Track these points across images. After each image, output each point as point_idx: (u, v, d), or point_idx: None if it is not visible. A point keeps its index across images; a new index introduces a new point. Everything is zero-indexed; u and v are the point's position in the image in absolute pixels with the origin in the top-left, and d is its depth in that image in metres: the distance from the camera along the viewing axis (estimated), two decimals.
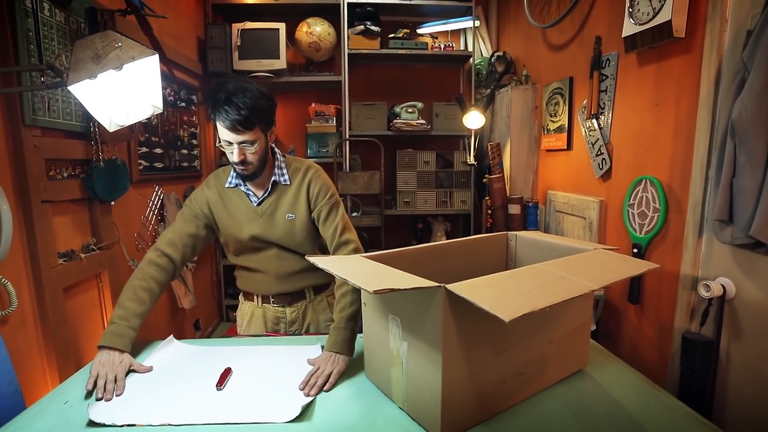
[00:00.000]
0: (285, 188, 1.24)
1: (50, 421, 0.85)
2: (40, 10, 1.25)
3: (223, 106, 1.05)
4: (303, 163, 1.29)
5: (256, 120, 1.09)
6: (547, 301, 0.66)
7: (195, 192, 1.27)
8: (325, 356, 1.02)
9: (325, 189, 1.24)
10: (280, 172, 1.24)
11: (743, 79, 1.13)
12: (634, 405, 0.87)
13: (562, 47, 2.20)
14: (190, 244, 1.22)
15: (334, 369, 0.99)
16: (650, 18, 1.46)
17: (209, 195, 1.24)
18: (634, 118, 1.66)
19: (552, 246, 1.11)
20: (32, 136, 1.25)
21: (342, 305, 1.10)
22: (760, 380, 1.20)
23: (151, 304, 1.13)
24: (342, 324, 1.07)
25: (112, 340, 1.02)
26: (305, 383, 0.95)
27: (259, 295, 1.34)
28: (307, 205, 1.24)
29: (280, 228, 1.24)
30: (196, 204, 1.24)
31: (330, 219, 1.22)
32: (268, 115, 1.14)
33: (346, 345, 1.04)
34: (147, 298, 1.12)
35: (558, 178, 2.28)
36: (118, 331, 1.04)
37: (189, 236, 1.22)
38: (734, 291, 1.27)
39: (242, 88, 1.08)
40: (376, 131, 2.80)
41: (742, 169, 1.14)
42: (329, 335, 1.07)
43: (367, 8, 2.72)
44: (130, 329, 1.06)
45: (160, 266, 1.16)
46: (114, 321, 1.06)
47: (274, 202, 1.24)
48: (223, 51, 2.61)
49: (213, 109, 1.08)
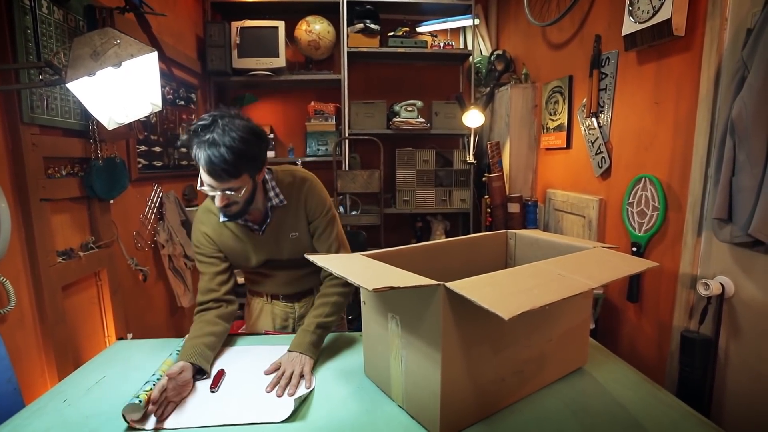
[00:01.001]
0: (284, 209, 1.17)
1: (49, 420, 0.85)
2: (39, 7, 1.25)
3: (208, 149, 0.93)
4: (295, 177, 1.19)
5: (243, 167, 0.97)
6: (547, 299, 0.66)
7: (194, 235, 1.19)
8: (290, 357, 1.01)
9: (322, 204, 1.20)
10: (275, 194, 1.15)
11: (743, 77, 1.13)
12: (633, 403, 0.87)
13: (561, 46, 2.20)
14: (225, 278, 1.17)
15: (305, 368, 0.98)
16: (650, 16, 1.45)
17: (208, 231, 1.17)
18: (634, 116, 1.66)
19: (551, 244, 1.11)
20: (30, 134, 1.24)
21: (318, 312, 1.10)
22: (759, 378, 1.20)
23: (220, 327, 1.10)
24: (311, 328, 1.07)
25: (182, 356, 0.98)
26: (273, 386, 0.93)
27: (269, 294, 1.35)
28: (306, 221, 1.21)
29: (287, 249, 1.21)
30: (202, 245, 1.17)
31: (325, 235, 1.20)
32: (257, 159, 1.02)
33: (312, 348, 1.04)
34: (212, 322, 1.09)
35: (557, 177, 2.28)
36: (189, 345, 1.01)
37: (219, 273, 1.16)
38: (733, 289, 1.27)
39: (231, 128, 0.95)
40: (375, 130, 2.79)
41: (741, 168, 1.14)
42: (296, 335, 1.06)
43: (366, 6, 2.71)
44: (201, 344, 1.02)
45: (212, 309, 1.13)
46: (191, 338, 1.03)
47: (276, 225, 1.18)
48: (222, 49, 2.61)
49: (196, 148, 0.95)
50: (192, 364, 0.95)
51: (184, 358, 0.96)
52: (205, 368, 0.98)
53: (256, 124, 1.03)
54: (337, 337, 1.22)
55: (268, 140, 1.05)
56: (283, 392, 0.92)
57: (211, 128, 0.95)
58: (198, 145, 0.95)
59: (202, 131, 0.95)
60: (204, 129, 0.95)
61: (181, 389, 0.90)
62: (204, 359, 0.99)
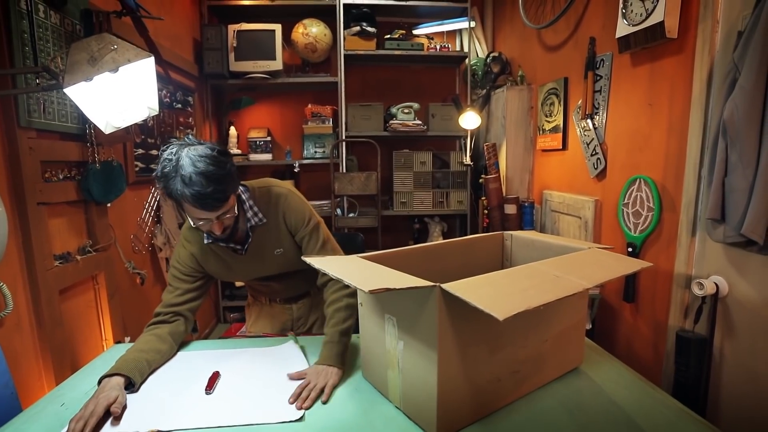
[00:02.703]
0: (263, 227, 1.16)
1: (46, 424, 0.85)
2: (35, 12, 1.25)
3: (190, 188, 0.92)
4: (270, 193, 1.17)
5: (228, 188, 0.98)
6: (542, 299, 0.67)
7: (178, 250, 1.18)
8: (317, 369, 0.99)
9: (301, 216, 1.17)
10: (253, 213, 1.14)
11: (734, 79, 1.14)
12: (629, 402, 0.88)
13: (557, 48, 2.22)
14: (192, 297, 1.16)
15: (328, 382, 0.95)
16: (643, 19, 1.47)
17: (193, 250, 1.16)
18: (628, 118, 1.68)
19: (547, 245, 1.12)
20: (27, 138, 1.25)
21: (336, 320, 1.08)
22: (753, 377, 1.21)
23: (166, 345, 1.07)
24: (335, 338, 1.05)
25: (115, 367, 0.94)
26: (296, 396, 0.91)
27: (267, 296, 1.37)
28: (290, 235, 1.19)
29: (274, 265, 1.21)
30: (183, 264, 1.16)
31: (311, 244, 1.18)
32: (232, 175, 1.00)
33: (340, 359, 1.02)
34: (158, 339, 1.06)
35: (553, 178, 2.29)
36: (128, 357, 0.97)
37: (188, 292, 1.15)
38: (727, 289, 1.28)
39: (198, 157, 0.93)
40: (372, 132, 2.80)
41: (733, 168, 1.15)
42: (322, 349, 1.04)
43: (362, 9, 2.73)
44: (144, 362, 0.98)
45: (169, 322, 1.11)
46: (136, 350, 1.01)
47: (258, 244, 1.17)
48: (219, 52, 2.61)
49: (175, 191, 0.93)
50: (125, 377, 0.93)
51: (124, 369, 0.94)
52: (135, 383, 0.94)
53: (210, 142, 1.01)
54: None
55: (230, 154, 1.03)
56: (311, 404, 0.90)
57: (178, 165, 0.93)
58: (174, 188, 0.93)
59: (173, 173, 0.93)
60: (173, 170, 0.93)
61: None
62: (140, 375, 0.96)
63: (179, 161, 0.93)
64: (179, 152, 0.95)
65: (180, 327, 1.13)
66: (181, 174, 0.92)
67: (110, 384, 0.89)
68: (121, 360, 0.97)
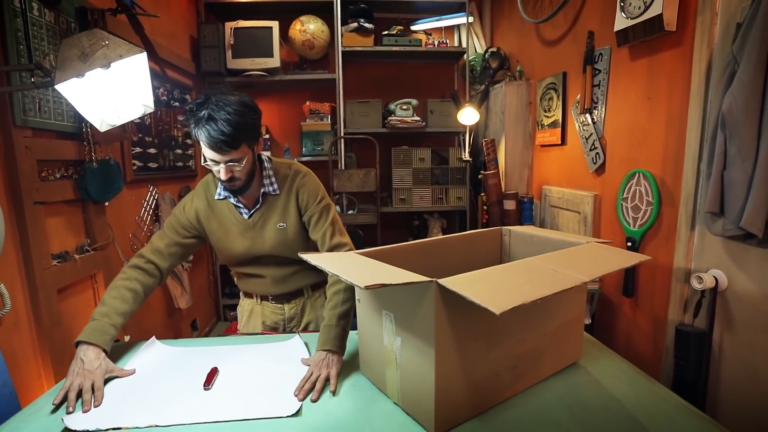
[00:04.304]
0: (275, 198, 1.21)
1: (45, 423, 0.84)
2: (29, 10, 1.24)
3: (206, 125, 1.00)
4: (291, 169, 1.24)
5: (241, 138, 1.04)
6: (538, 293, 0.66)
7: (185, 200, 1.23)
8: (318, 358, 0.99)
9: (314, 194, 1.21)
10: (269, 182, 1.20)
11: (733, 71, 1.14)
12: (628, 397, 0.88)
13: (555, 42, 2.21)
14: (177, 253, 1.19)
15: (331, 371, 0.96)
16: (641, 12, 1.46)
17: (199, 206, 1.21)
18: (627, 112, 1.67)
19: (545, 240, 1.12)
20: (23, 137, 1.24)
21: (334, 303, 1.08)
22: (752, 370, 1.21)
23: (136, 305, 1.09)
24: (333, 321, 1.05)
25: (92, 336, 0.97)
26: (300, 389, 0.91)
27: (258, 295, 1.35)
28: (298, 213, 1.22)
29: (272, 239, 1.22)
30: (185, 214, 1.20)
31: (320, 223, 1.20)
32: (253, 129, 1.08)
33: (338, 342, 1.02)
34: (131, 297, 1.08)
35: (552, 173, 2.29)
36: (99, 327, 0.99)
37: (177, 245, 1.19)
38: (726, 283, 1.28)
39: (224, 103, 1.01)
40: (370, 129, 2.80)
41: (732, 162, 1.14)
42: (320, 333, 1.04)
43: (360, 5, 2.71)
44: (111, 326, 1.01)
45: (146, 271, 1.14)
46: (94, 317, 1.01)
47: (264, 213, 1.21)
48: (216, 50, 2.60)
49: (195, 127, 1.02)
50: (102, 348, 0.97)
51: (101, 341, 0.97)
52: (106, 350, 0.99)
53: (247, 96, 1.08)
54: None
55: (260, 111, 1.10)
56: (318, 396, 0.90)
57: (205, 105, 1.01)
58: (196, 123, 1.01)
59: (198, 109, 1.01)
60: (199, 107, 1.01)
61: (87, 374, 0.92)
62: (110, 344, 1.01)
63: (207, 102, 1.02)
64: (210, 96, 1.03)
65: (154, 283, 1.15)
66: (204, 112, 1.00)
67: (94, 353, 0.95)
68: (98, 331, 0.99)
